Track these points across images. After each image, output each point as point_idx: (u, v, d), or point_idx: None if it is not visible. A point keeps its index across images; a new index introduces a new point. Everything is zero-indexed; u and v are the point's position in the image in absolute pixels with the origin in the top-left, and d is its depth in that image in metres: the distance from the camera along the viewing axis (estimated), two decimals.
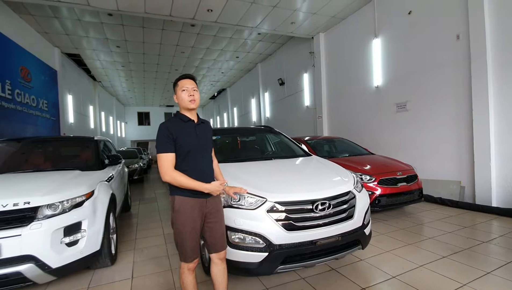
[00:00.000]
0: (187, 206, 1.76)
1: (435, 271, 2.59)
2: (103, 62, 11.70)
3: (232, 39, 10.00)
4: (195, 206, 1.77)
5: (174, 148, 1.74)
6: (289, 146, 3.88)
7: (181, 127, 1.80)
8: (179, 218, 1.77)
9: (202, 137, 1.86)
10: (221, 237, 1.91)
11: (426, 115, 5.57)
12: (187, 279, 1.83)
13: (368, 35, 6.89)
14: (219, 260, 1.91)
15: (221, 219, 1.93)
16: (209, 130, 1.99)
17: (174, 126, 1.78)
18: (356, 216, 2.47)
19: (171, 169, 1.72)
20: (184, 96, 1.81)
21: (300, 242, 2.18)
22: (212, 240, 1.88)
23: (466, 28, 4.75)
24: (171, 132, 1.74)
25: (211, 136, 2.00)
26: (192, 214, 1.77)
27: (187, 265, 1.82)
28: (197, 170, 1.79)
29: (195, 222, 1.78)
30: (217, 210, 1.90)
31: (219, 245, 1.89)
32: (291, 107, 10.62)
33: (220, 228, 1.91)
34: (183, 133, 1.78)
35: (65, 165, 3.40)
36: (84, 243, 2.52)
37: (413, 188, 4.39)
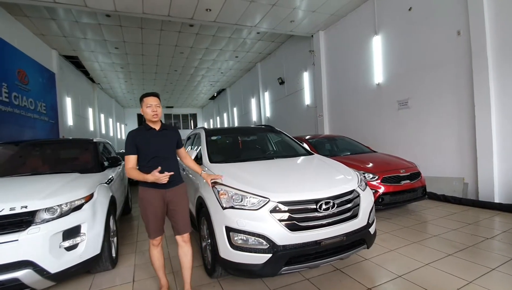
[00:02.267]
0: (147, 195, 2.21)
1: (441, 269, 2.55)
2: (101, 64, 11.65)
3: (231, 38, 9.95)
4: (155, 195, 2.21)
5: (137, 151, 2.23)
6: (291, 145, 3.83)
7: (143, 134, 2.26)
8: (142, 205, 2.24)
9: (161, 141, 2.29)
10: (182, 222, 2.30)
11: (428, 112, 5.52)
12: (152, 252, 2.34)
13: (368, 32, 6.84)
14: (183, 242, 2.33)
15: (182, 206, 2.31)
16: (172, 134, 2.39)
17: (137, 134, 2.27)
18: (361, 215, 2.43)
19: (129, 166, 2.22)
20: (148, 111, 2.23)
21: (304, 242, 2.14)
22: (174, 224, 2.31)
23: (466, 24, 4.70)
24: (134, 139, 2.23)
25: (174, 140, 2.40)
26: (153, 201, 2.21)
27: (151, 241, 2.31)
28: (156, 165, 2.14)
29: (156, 208, 2.22)
30: (178, 199, 2.29)
31: (180, 229, 2.31)
32: (292, 106, 10.57)
33: (181, 214, 2.29)
34: (144, 139, 2.24)
35: (64, 168, 3.35)
36: (83, 247, 2.47)
37: (417, 186, 4.34)
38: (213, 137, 3.67)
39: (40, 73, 8.66)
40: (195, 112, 26.50)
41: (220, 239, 2.26)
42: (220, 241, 2.25)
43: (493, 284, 2.25)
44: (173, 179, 2.23)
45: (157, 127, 2.30)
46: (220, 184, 2.43)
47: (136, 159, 2.23)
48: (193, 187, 3.17)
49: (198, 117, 26.64)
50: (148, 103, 2.23)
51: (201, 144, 3.42)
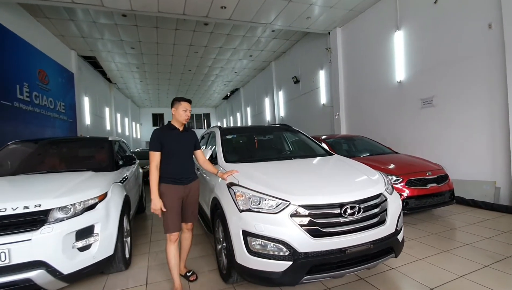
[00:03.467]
0: (168, 191, 2.36)
1: (478, 282, 2.31)
2: (118, 64, 11.83)
3: (246, 37, 9.85)
4: (175, 191, 2.37)
5: (161, 148, 2.37)
6: (309, 145, 3.66)
7: (168, 134, 2.43)
8: (163, 199, 2.34)
9: (183, 141, 2.47)
10: (191, 212, 2.53)
11: (454, 111, 5.19)
12: (169, 248, 2.41)
13: (389, 28, 6.54)
14: (186, 229, 2.61)
15: (194, 199, 2.54)
16: (191, 137, 2.57)
17: (162, 132, 2.42)
18: (389, 221, 2.24)
19: (154, 164, 2.34)
20: (183, 115, 2.44)
21: (328, 250, 1.97)
22: (184, 213, 2.49)
23: (499, 16, 4.37)
24: (159, 137, 2.38)
25: (193, 141, 2.57)
26: (173, 197, 2.36)
27: (169, 236, 2.39)
28: (177, 164, 2.42)
29: (175, 203, 2.36)
30: (192, 193, 2.50)
31: (188, 217, 2.53)
32: (307, 106, 10.35)
33: (192, 205, 2.53)
34: (169, 138, 2.40)
35: (79, 166, 3.32)
36: (97, 247, 2.40)
37: (444, 189, 4.06)
38: (229, 136, 3.55)
39: (59, 73, 8.87)
40: (209, 112, 26.65)
41: (236, 243, 2.13)
42: (237, 246, 2.12)
43: None
44: (190, 176, 2.47)
45: (181, 129, 2.49)
46: (237, 185, 2.31)
47: (159, 156, 2.36)
48: (208, 188, 3.07)
49: (211, 116, 26.78)
50: (185, 107, 2.44)
51: (216, 143, 3.30)
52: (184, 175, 2.43)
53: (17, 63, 6.70)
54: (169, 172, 2.38)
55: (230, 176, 2.48)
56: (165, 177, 2.37)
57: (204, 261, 3.04)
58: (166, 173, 2.38)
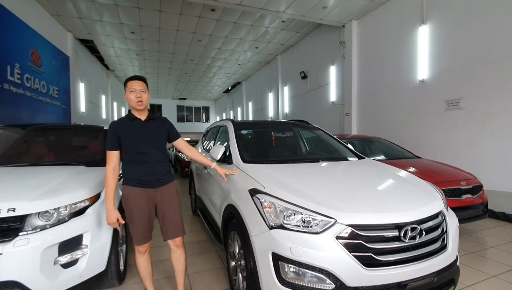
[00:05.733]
0: (132, 195, 1.92)
1: None
2: (117, 50, 11.21)
3: (253, 27, 9.30)
4: (141, 195, 1.92)
5: (119, 145, 1.92)
6: (333, 145, 3.21)
7: (126, 126, 1.95)
8: (126, 206, 1.96)
9: (148, 134, 1.96)
10: (172, 225, 2.02)
11: (485, 115, 4.77)
12: (138, 260, 2.05)
13: (412, 22, 6.07)
14: (175, 247, 2.07)
15: (172, 208, 2.02)
16: (161, 125, 2.07)
17: (119, 125, 1.96)
18: (450, 245, 1.81)
19: (110, 166, 1.91)
20: (132, 97, 1.91)
21: (384, 284, 1.53)
22: (164, 227, 2.04)
23: None
24: (115, 132, 1.92)
25: (163, 131, 2.07)
26: (138, 203, 1.92)
27: (137, 248, 2.00)
28: (142, 163, 1.93)
29: (142, 210, 1.93)
30: (168, 199, 2.01)
31: (171, 232, 2.03)
32: (314, 103, 9.87)
33: (172, 216, 2.02)
34: (127, 131, 1.93)
35: (69, 159, 2.84)
36: (85, 262, 1.94)
37: (478, 202, 3.65)
38: (243, 131, 3.08)
39: (54, 55, 8.27)
40: (208, 105, 26.02)
41: (263, 268, 1.68)
42: (264, 272, 1.68)
43: None
44: (161, 177, 1.99)
45: (143, 117, 2.00)
46: (263, 193, 1.85)
47: (118, 156, 1.93)
48: (219, 191, 2.61)
49: (210, 110, 26.17)
50: (131, 87, 1.91)
51: (230, 140, 2.83)
52: (152, 177, 1.94)
53: (9, 41, 6.11)
54: (133, 172, 1.94)
55: (253, 181, 2.03)
56: (128, 178, 1.94)
57: (212, 276, 2.60)
58: (130, 173, 1.94)
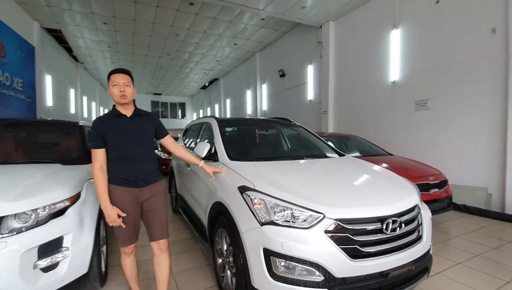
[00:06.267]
0: (117, 195, 1.82)
1: None
2: (87, 41, 10.59)
3: (232, 23, 9.24)
4: (126, 195, 1.83)
5: (104, 142, 1.81)
6: (315, 142, 3.31)
7: (111, 122, 1.84)
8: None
9: (134, 131, 1.87)
10: (158, 226, 1.93)
11: (450, 115, 5.16)
12: (123, 262, 1.98)
13: (385, 26, 6.38)
14: (158, 251, 1.96)
15: (158, 208, 1.94)
16: (148, 122, 1.97)
17: (103, 122, 1.84)
18: (425, 236, 1.97)
19: (97, 165, 1.80)
20: (115, 91, 1.80)
21: (368, 274, 1.64)
22: (149, 228, 1.95)
23: (504, 21, 4.32)
24: (99, 129, 1.80)
25: (150, 128, 1.98)
26: (123, 203, 1.82)
27: (123, 249, 1.93)
28: (128, 162, 1.84)
29: (128, 209, 1.83)
30: (154, 199, 1.92)
31: (156, 234, 1.93)
32: (292, 101, 10.05)
33: (157, 216, 1.93)
34: (112, 128, 1.82)
35: (43, 157, 2.67)
36: (66, 266, 1.85)
37: (444, 195, 3.95)
38: (228, 129, 3.08)
39: (19, 45, 7.65)
40: (184, 101, 25.46)
41: (254, 264, 1.71)
42: (255, 267, 1.71)
43: None
44: (148, 177, 1.91)
45: (129, 113, 1.89)
46: (253, 190, 1.88)
47: (104, 154, 1.83)
48: (206, 189, 2.60)
49: (187, 106, 25.63)
50: (114, 80, 1.79)
51: (215, 137, 2.83)
52: (139, 175, 1.86)
53: None
54: (118, 171, 1.84)
55: (241, 178, 2.05)
56: (114, 177, 1.84)
57: (198, 274, 2.59)
58: (115, 172, 1.85)
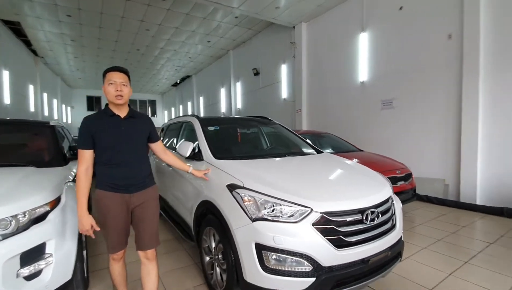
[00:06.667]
0: (106, 200, 1.75)
1: (467, 279, 2.43)
2: (48, 34, 9.83)
3: (205, 20, 9.13)
4: (115, 200, 1.76)
5: (93, 143, 1.73)
6: (294, 140, 3.45)
7: (103, 122, 1.75)
8: (99, 211, 1.79)
9: (127, 132, 1.79)
10: (148, 234, 1.86)
11: (413, 113, 5.61)
12: (112, 267, 1.92)
13: (354, 28, 6.73)
14: (146, 260, 1.90)
15: (149, 217, 1.86)
16: (142, 124, 1.89)
17: (94, 122, 1.74)
18: (398, 224, 2.17)
19: (81, 167, 1.71)
20: (111, 90, 1.71)
21: (352, 261, 1.78)
22: (139, 236, 1.87)
23: (459, 28, 4.79)
24: (89, 129, 1.71)
25: (145, 130, 1.90)
26: (113, 208, 1.75)
27: (111, 256, 1.87)
28: (120, 166, 1.76)
29: (116, 216, 1.77)
30: (146, 205, 1.85)
31: (144, 243, 1.86)
32: (267, 99, 10.20)
33: (148, 224, 1.86)
34: (104, 129, 1.73)
35: (13, 159, 2.50)
36: (50, 273, 1.78)
37: (409, 187, 4.32)
38: (211, 128, 3.10)
39: None
40: (154, 99, 24.62)
41: (247, 259, 1.79)
42: (247, 262, 1.78)
43: None
44: (140, 182, 1.83)
45: (123, 114, 1.80)
46: (242, 188, 1.95)
47: (92, 155, 1.73)
48: (191, 189, 2.61)
49: (157, 104, 24.82)
50: (111, 79, 1.71)
51: (198, 136, 2.84)
52: (130, 181, 1.78)
53: None
54: (107, 175, 1.75)
55: (229, 176, 2.11)
56: (102, 181, 1.75)
57: (184, 274, 2.60)
58: (104, 176, 1.75)
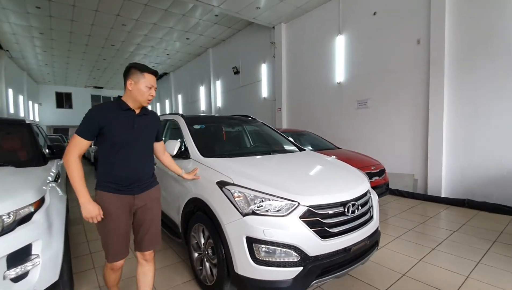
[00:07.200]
0: (108, 204, 1.66)
1: (436, 264, 2.68)
2: (14, 26, 9.19)
3: (185, 17, 9.02)
4: (118, 204, 1.67)
5: (96, 135, 1.63)
6: (278, 139, 3.57)
7: (115, 115, 1.65)
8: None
9: (140, 129, 1.73)
10: (149, 238, 1.80)
11: (385, 113, 5.96)
12: (109, 276, 1.83)
13: (332, 31, 6.99)
14: (143, 261, 1.86)
15: (153, 219, 1.82)
16: (153, 122, 1.84)
17: (105, 113, 1.63)
18: (375, 215, 2.36)
19: (74, 154, 1.59)
20: (145, 93, 1.67)
21: (335, 251, 1.93)
22: (139, 238, 1.81)
23: (427, 34, 5.16)
24: (100, 120, 1.60)
25: (155, 129, 1.87)
26: (115, 212, 1.66)
27: (111, 265, 1.75)
28: (127, 163, 1.68)
29: (119, 220, 1.68)
30: (148, 208, 1.79)
31: (144, 244, 1.81)
32: (247, 98, 10.28)
33: (150, 227, 1.80)
34: (116, 122, 1.64)
35: None
36: (38, 274, 1.74)
37: (382, 182, 4.61)
38: (196, 126, 3.13)
39: None
40: None
41: (238, 252, 1.87)
42: (238, 255, 1.87)
43: (485, 277, 2.45)
44: (145, 181, 1.77)
45: (137, 110, 1.74)
46: (232, 185, 2.02)
47: (86, 148, 1.62)
48: (179, 187, 2.64)
49: None
50: (151, 83, 1.68)
51: (184, 135, 2.88)
52: (135, 181, 1.71)
53: None
54: (112, 175, 1.66)
55: (219, 174, 2.18)
56: (104, 181, 1.67)
57: (172, 271, 2.63)
58: (107, 175, 1.67)
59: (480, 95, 4.60)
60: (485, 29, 4.51)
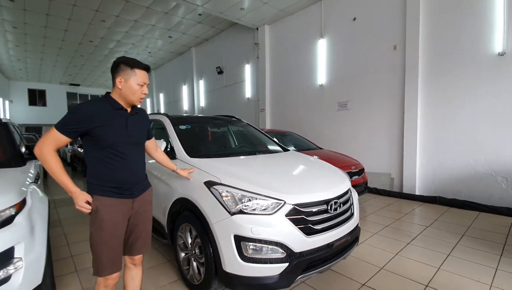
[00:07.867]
0: (108, 209, 1.55)
1: (410, 257, 2.86)
2: None
3: (167, 15, 8.89)
4: (117, 208, 1.58)
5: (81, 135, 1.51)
6: (263, 139, 3.64)
7: (108, 116, 1.54)
8: (95, 221, 1.54)
9: (134, 129, 1.65)
10: (140, 242, 1.74)
11: (364, 115, 6.21)
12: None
13: (314, 34, 7.18)
14: (132, 265, 1.80)
15: (145, 222, 1.76)
16: (143, 120, 1.77)
17: (97, 114, 1.51)
18: (355, 213, 2.48)
19: (49, 147, 1.45)
20: (138, 91, 1.58)
21: (319, 246, 2.02)
22: (130, 242, 1.72)
23: (402, 40, 5.44)
24: (88, 121, 1.47)
25: (145, 126, 1.80)
26: (114, 219, 1.56)
27: (103, 282, 1.58)
28: (128, 166, 1.61)
29: (116, 226, 1.58)
30: (143, 211, 1.73)
31: (134, 248, 1.74)
32: (231, 98, 10.29)
33: (142, 231, 1.74)
34: (110, 124, 1.53)
35: None
36: (21, 277, 1.70)
37: (362, 181, 4.82)
38: (182, 127, 3.14)
39: None
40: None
41: (226, 250, 1.92)
42: (226, 253, 1.91)
43: (455, 268, 2.65)
44: (142, 183, 1.72)
45: (129, 109, 1.65)
46: (220, 184, 2.07)
47: (63, 145, 1.51)
48: (165, 188, 2.64)
49: None
50: (143, 80, 1.57)
51: (170, 135, 2.88)
52: (135, 183, 1.65)
53: None
54: (110, 178, 1.56)
55: (206, 174, 2.21)
56: (101, 185, 1.55)
57: (158, 272, 2.63)
58: (105, 179, 1.55)
59: (450, 99, 4.93)
60: (453, 37, 4.83)
